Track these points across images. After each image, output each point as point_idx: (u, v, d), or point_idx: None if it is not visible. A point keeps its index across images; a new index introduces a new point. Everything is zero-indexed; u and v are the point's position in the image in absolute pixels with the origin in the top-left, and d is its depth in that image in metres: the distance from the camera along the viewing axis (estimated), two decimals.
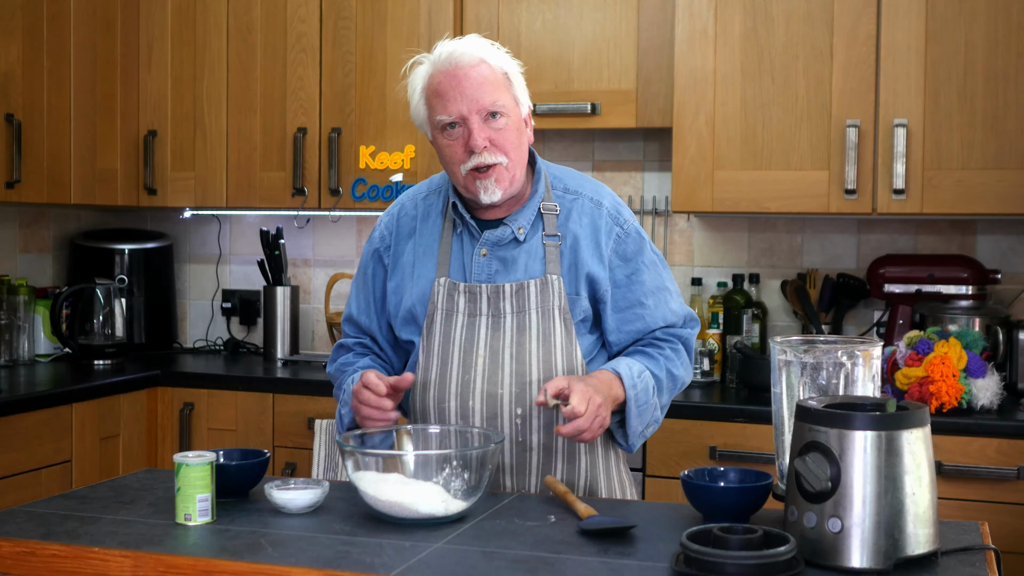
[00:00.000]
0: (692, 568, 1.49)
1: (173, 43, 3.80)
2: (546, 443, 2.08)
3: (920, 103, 3.05)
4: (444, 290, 2.10)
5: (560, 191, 2.14)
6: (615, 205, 2.15)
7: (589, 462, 2.12)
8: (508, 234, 2.09)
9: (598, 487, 2.13)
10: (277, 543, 1.69)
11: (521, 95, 2.08)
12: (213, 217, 4.17)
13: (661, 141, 3.66)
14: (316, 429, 3.25)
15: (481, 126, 2.01)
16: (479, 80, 2.01)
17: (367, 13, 3.58)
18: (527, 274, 2.08)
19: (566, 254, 2.09)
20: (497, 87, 2.03)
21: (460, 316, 2.09)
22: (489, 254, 2.10)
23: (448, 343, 2.09)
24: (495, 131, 2.02)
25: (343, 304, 4.00)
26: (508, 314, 2.07)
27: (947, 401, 2.82)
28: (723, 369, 3.41)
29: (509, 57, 2.09)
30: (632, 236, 2.13)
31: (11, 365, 3.60)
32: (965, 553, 1.63)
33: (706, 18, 3.20)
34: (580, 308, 2.09)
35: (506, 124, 2.03)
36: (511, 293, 2.07)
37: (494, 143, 2.02)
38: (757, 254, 3.61)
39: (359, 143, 3.61)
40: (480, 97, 2.01)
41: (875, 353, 1.76)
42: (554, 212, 2.11)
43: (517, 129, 2.06)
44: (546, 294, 2.07)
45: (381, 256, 2.22)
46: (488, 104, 2.01)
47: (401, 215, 2.22)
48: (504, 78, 2.05)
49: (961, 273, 3.25)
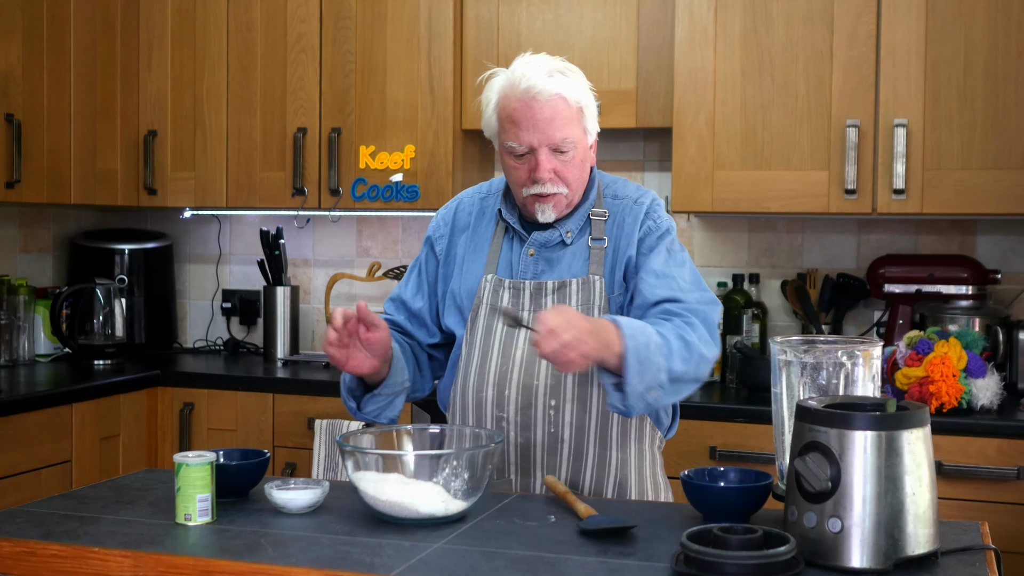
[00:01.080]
0: (692, 568, 1.49)
1: (173, 43, 3.80)
2: (577, 436, 2.09)
3: (920, 103, 3.05)
4: (490, 286, 2.16)
5: (610, 198, 2.19)
6: (653, 204, 2.18)
7: (620, 459, 2.11)
8: (556, 237, 2.15)
9: (628, 486, 2.11)
10: (277, 543, 1.69)
11: (591, 125, 2.12)
12: (213, 217, 4.17)
13: (661, 141, 3.66)
14: (316, 429, 3.25)
15: (549, 157, 2.06)
16: (551, 115, 2.04)
17: (367, 13, 3.58)
18: (570, 273, 2.13)
19: (609, 256, 2.13)
20: (569, 122, 2.06)
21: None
22: (536, 254, 2.16)
23: (490, 335, 2.14)
24: (561, 163, 2.07)
25: (343, 304, 4.00)
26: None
27: (947, 401, 2.82)
28: (723, 369, 3.41)
29: (586, 86, 2.11)
30: (657, 230, 2.14)
31: (11, 365, 3.60)
32: (965, 553, 1.63)
33: (706, 18, 3.20)
34: (617, 306, 2.12)
35: (572, 157, 2.08)
36: (553, 290, 2.12)
37: (559, 174, 2.08)
38: (757, 254, 3.61)
39: (359, 143, 3.61)
40: (552, 133, 2.05)
41: (875, 353, 1.76)
42: (603, 218, 2.16)
43: (582, 160, 2.11)
44: (587, 292, 2.11)
45: (433, 245, 2.27)
46: (559, 140, 2.05)
47: (459, 209, 2.27)
48: (578, 112, 2.09)
49: (961, 273, 3.25)
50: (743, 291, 3.50)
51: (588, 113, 2.11)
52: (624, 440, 2.12)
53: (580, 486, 2.10)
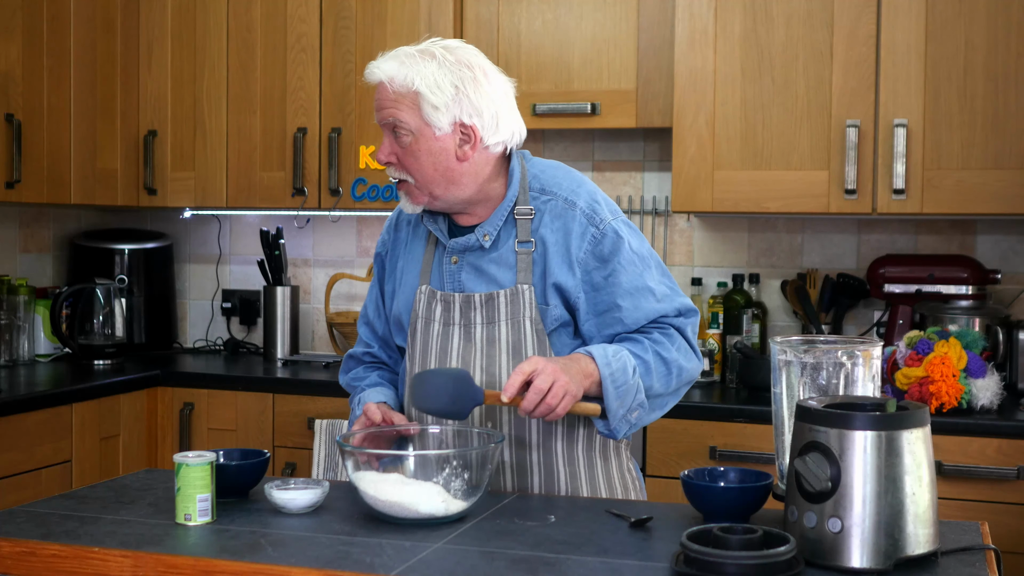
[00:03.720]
0: (692, 568, 1.49)
1: (173, 43, 3.80)
2: (518, 451, 2.05)
3: (920, 103, 3.05)
4: (424, 298, 2.09)
5: (536, 192, 2.06)
6: (590, 204, 2.05)
7: (568, 472, 2.07)
8: (474, 241, 2.05)
9: (598, 489, 2.10)
10: (277, 543, 1.69)
11: (437, 116, 1.97)
12: (213, 217, 4.17)
13: (661, 141, 3.66)
14: (316, 429, 3.25)
15: (389, 141, 2.01)
16: (382, 96, 1.99)
17: (367, 13, 3.58)
18: (497, 284, 2.04)
19: (538, 261, 2.03)
20: (396, 106, 1.98)
21: (437, 324, 2.08)
22: (460, 261, 2.07)
23: (426, 351, 2.09)
24: (401, 149, 2.01)
25: (343, 304, 4.00)
26: (479, 324, 2.04)
27: (947, 401, 2.82)
28: (723, 369, 3.41)
29: (441, 76, 1.97)
30: (609, 236, 2.03)
31: (11, 365, 3.60)
32: (965, 553, 1.63)
33: (706, 18, 3.20)
34: (552, 317, 2.03)
35: (409, 143, 1.99)
36: (481, 303, 2.04)
37: (400, 160, 2.01)
38: (757, 254, 3.61)
39: (359, 143, 3.61)
40: (381, 113, 2.00)
41: (875, 353, 1.76)
42: (528, 217, 2.04)
43: (428, 152, 1.99)
44: (516, 305, 2.02)
45: (383, 260, 2.23)
46: (386, 119, 1.99)
47: (399, 220, 2.21)
48: (412, 97, 1.97)
49: (961, 273, 3.25)
50: (743, 291, 3.50)
51: (430, 101, 1.96)
52: (570, 450, 2.07)
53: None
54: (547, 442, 2.07)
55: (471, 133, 2.00)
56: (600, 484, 2.10)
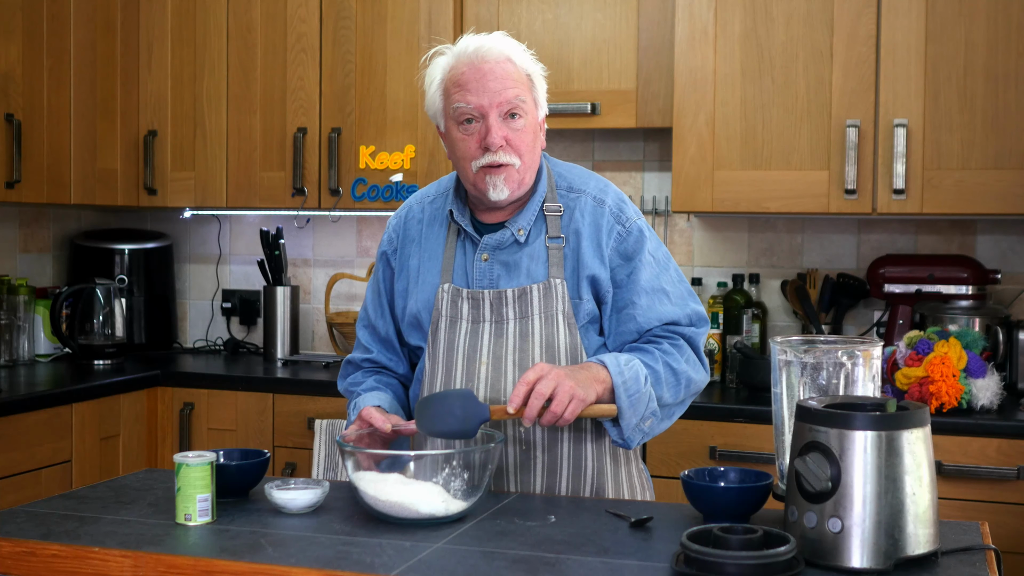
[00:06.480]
0: (692, 568, 1.49)
1: (173, 43, 3.80)
2: (550, 447, 2.06)
3: (920, 103, 3.05)
4: (448, 296, 2.08)
5: (564, 190, 2.11)
6: (618, 203, 2.11)
7: (596, 467, 2.08)
8: (508, 237, 2.07)
9: (605, 492, 2.09)
10: (277, 543, 1.69)
11: (541, 99, 2.07)
12: (213, 217, 4.17)
13: (661, 141, 3.66)
14: (316, 429, 3.25)
15: (499, 124, 2.00)
16: (503, 75, 2.00)
17: (367, 13, 3.58)
18: (530, 278, 2.06)
19: (569, 256, 2.06)
20: (519, 84, 2.02)
21: (464, 322, 2.07)
22: (491, 258, 2.08)
23: (452, 350, 2.08)
24: (512, 131, 2.01)
25: (343, 304, 4.00)
26: (511, 320, 2.05)
27: (947, 401, 2.82)
28: (723, 369, 3.41)
29: (534, 60, 2.07)
30: (633, 234, 2.08)
31: (11, 365, 3.60)
32: (965, 553, 1.63)
33: (706, 18, 3.20)
34: (584, 311, 2.06)
35: (524, 125, 2.02)
36: (514, 298, 2.05)
37: (510, 143, 2.01)
38: (757, 254, 3.61)
39: (359, 143, 3.61)
40: (503, 91, 1.99)
41: (875, 353, 1.76)
42: (558, 213, 2.08)
43: (533, 132, 2.05)
44: (549, 299, 2.04)
45: (389, 259, 2.21)
46: (511, 98, 2.00)
47: (408, 218, 2.20)
48: (527, 79, 2.04)
49: (961, 273, 3.25)
50: (743, 291, 3.50)
51: (538, 85, 2.06)
52: (599, 446, 2.08)
53: (556, 495, 2.06)
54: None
55: (543, 123, 2.10)
56: (618, 485, 2.11)
